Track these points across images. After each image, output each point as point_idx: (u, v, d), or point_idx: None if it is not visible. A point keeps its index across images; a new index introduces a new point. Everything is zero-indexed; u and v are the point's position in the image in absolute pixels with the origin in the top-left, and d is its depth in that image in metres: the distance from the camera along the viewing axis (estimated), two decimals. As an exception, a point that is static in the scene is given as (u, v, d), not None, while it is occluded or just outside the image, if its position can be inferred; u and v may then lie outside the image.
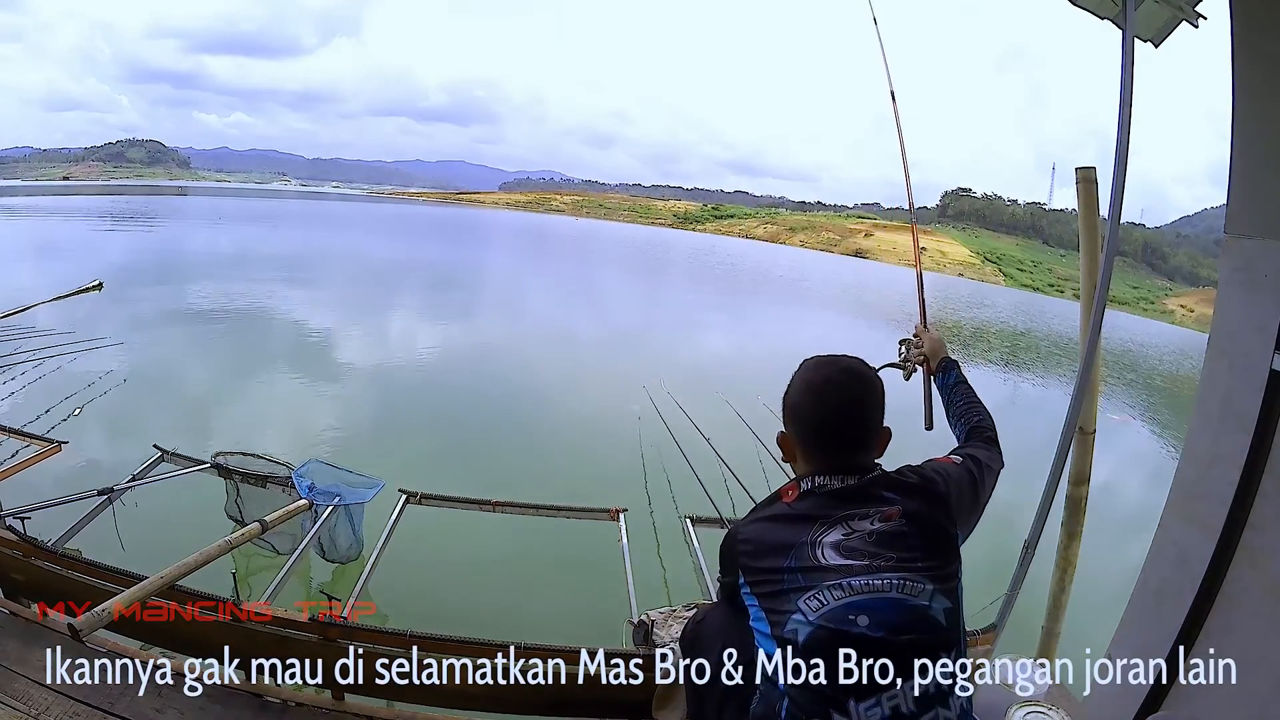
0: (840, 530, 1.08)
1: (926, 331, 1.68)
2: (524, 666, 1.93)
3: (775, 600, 1.08)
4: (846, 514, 1.10)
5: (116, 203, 43.73)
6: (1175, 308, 68.93)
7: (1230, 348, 1.50)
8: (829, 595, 1.04)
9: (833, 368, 1.18)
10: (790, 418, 1.21)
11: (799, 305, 26.10)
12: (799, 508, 1.13)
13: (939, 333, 1.67)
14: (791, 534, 1.10)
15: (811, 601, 1.04)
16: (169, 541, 2.88)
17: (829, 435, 1.16)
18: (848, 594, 1.04)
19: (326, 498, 3.19)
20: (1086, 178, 1.93)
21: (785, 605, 1.06)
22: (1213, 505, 1.48)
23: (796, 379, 1.21)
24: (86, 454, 4.90)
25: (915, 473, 1.19)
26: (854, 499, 1.12)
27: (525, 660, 1.93)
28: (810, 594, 1.05)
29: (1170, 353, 25.91)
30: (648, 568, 2.83)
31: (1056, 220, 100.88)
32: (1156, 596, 1.63)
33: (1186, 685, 1.52)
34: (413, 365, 9.41)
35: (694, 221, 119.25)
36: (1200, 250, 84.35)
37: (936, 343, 1.65)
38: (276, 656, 1.97)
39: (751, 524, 1.18)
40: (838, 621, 1.02)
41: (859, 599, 1.03)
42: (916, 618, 1.04)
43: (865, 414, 1.17)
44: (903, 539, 1.08)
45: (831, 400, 1.16)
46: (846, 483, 1.13)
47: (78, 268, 13.04)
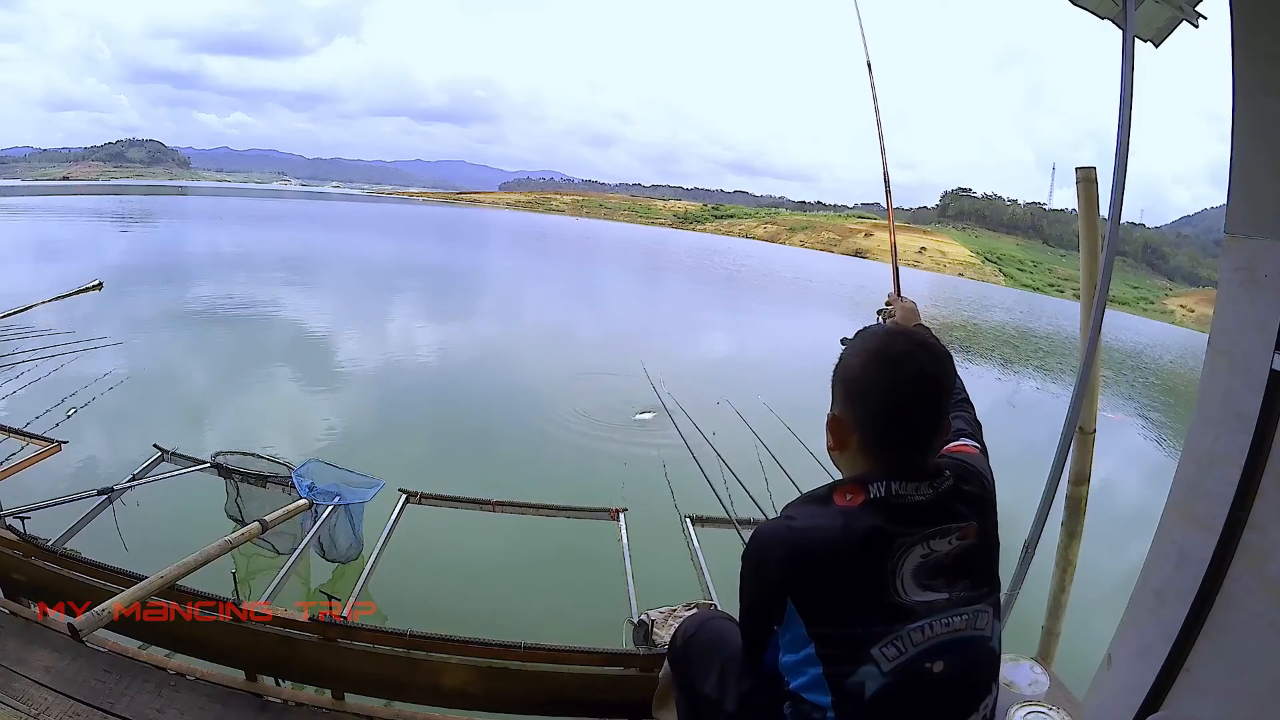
0: (920, 553, 0.90)
1: (900, 300, 1.63)
2: (524, 666, 1.93)
3: (841, 646, 0.88)
4: (927, 533, 0.91)
5: (116, 202, 43.71)
6: (1175, 308, 68.97)
7: (1230, 348, 1.50)
8: (908, 641, 0.87)
9: (908, 340, 1.00)
10: (850, 397, 1.00)
11: (799, 305, 26.11)
12: (869, 519, 0.90)
13: (912, 300, 1.61)
14: (864, 554, 0.89)
15: (889, 649, 0.87)
16: (169, 541, 2.88)
17: (901, 424, 0.95)
18: (928, 637, 0.88)
19: (326, 497, 3.19)
20: (1087, 177, 1.93)
21: (855, 653, 0.87)
22: (1213, 505, 1.48)
23: (858, 350, 1.01)
24: (86, 454, 4.91)
25: (971, 476, 1.02)
26: (934, 514, 0.93)
27: (525, 660, 1.93)
28: (888, 640, 0.87)
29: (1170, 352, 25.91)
30: (648, 567, 2.82)
31: (1057, 220, 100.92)
32: (1157, 596, 1.63)
33: (1187, 685, 1.52)
34: (413, 364, 9.41)
35: (694, 221, 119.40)
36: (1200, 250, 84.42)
37: (909, 310, 1.59)
38: (277, 656, 1.97)
39: (802, 530, 0.93)
40: (913, 671, 0.87)
41: (937, 641, 0.89)
42: (984, 654, 0.94)
43: (943, 401, 0.98)
44: (974, 561, 0.94)
45: (909, 380, 0.95)
46: (924, 493, 0.93)
47: (77, 267, 13.04)
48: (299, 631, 1.96)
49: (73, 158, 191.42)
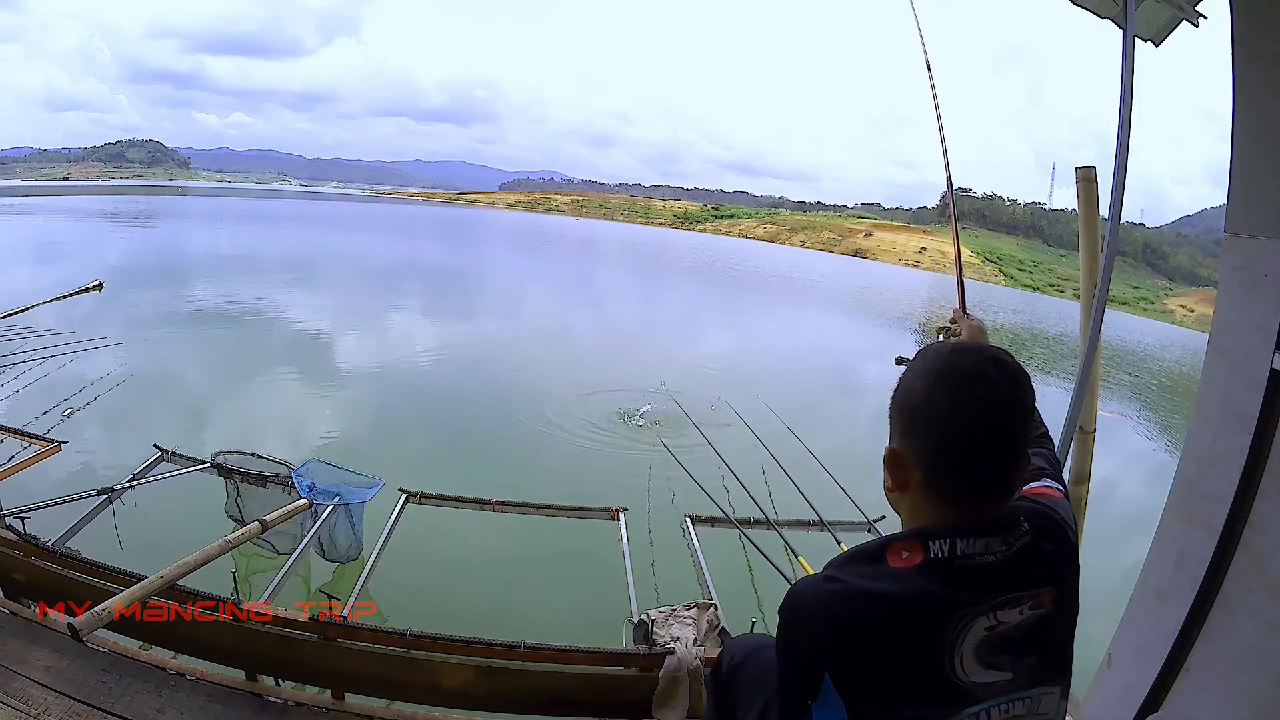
0: (984, 626, 0.76)
1: (966, 317, 1.41)
2: (524, 666, 1.93)
3: None
4: (995, 602, 0.77)
5: (116, 203, 43.72)
6: (1175, 307, 68.99)
7: (1230, 347, 1.50)
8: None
9: (978, 357, 0.82)
10: (910, 429, 0.84)
11: (800, 304, 26.11)
12: (926, 585, 0.77)
13: (980, 319, 1.38)
14: (918, 627, 0.76)
15: None
16: (169, 541, 2.88)
17: (972, 463, 0.80)
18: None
19: (326, 497, 3.19)
20: (1086, 177, 1.93)
21: None
22: (1213, 505, 1.48)
23: (919, 372, 0.84)
24: (86, 454, 4.90)
25: (1053, 530, 0.86)
26: (1006, 579, 0.78)
27: (525, 660, 1.93)
28: None
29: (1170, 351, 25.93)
30: (648, 567, 2.83)
31: (1056, 220, 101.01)
32: (1157, 596, 1.63)
33: (1187, 685, 1.52)
34: (413, 363, 9.41)
35: (694, 221, 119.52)
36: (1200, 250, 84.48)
37: (976, 330, 1.34)
38: (277, 656, 1.97)
39: (846, 596, 0.79)
40: None
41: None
42: None
43: (1022, 432, 0.82)
44: (1047, 633, 0.80)
45: (981, 406, 0.79)
46: (995, 553, 0.79)
47: (78, 267, 13.04)
48: (299, 631, 1.96)
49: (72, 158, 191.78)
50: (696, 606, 2.20)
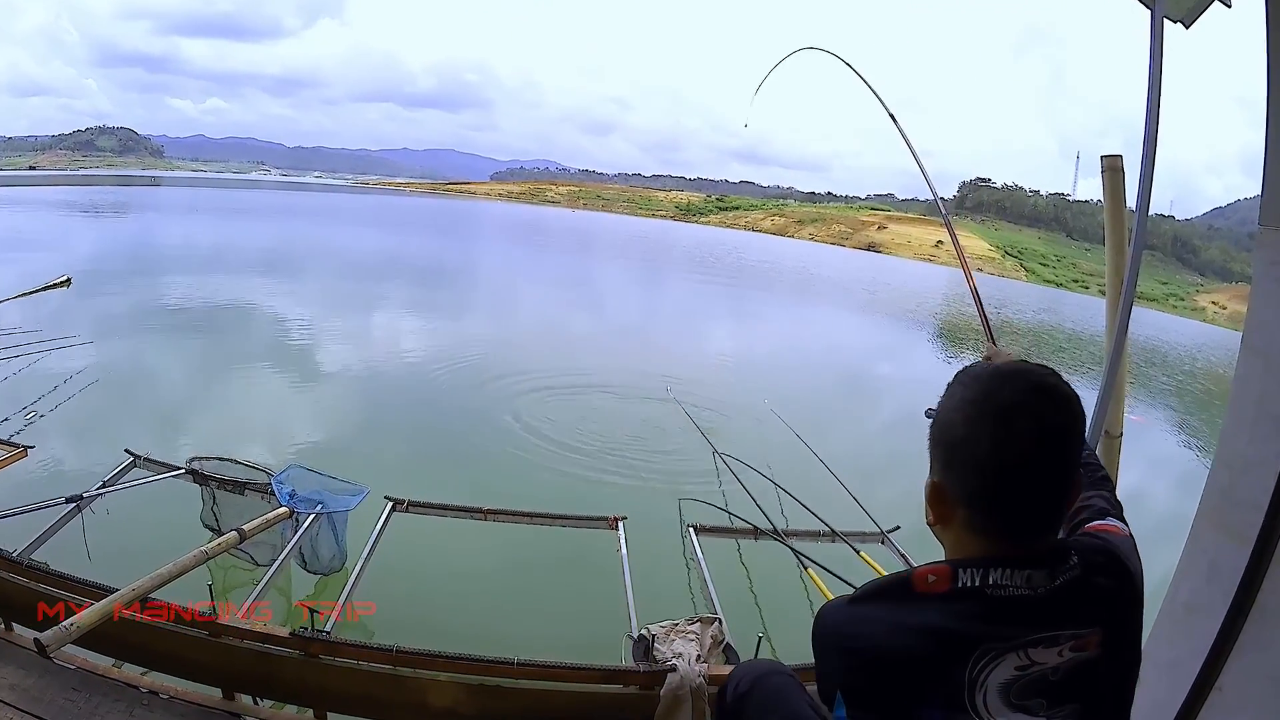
0: (1015, 663, 0.75)
1: (998, 351, 1.42)
2: (517, 684, 1.93)
3: None
4: (1029, 640, 0.76)
5: (86, 194, 43.67)
6: (1207, 304, 69.05)
7: (1265, 346, 1.50)
8: None
9: (1021, 384, 0.80)
10: (950, 462, 0.83)
11: (805, 303, 26.13)
12: (952, 615, 0.77)
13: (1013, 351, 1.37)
14: (938, 656, 0.76)
15: None
16: (141, 551, 2.88)
17: (1018, 501, 0.79)
18: None
19: (308, 505, 3.19)
20: (1113, 166, 1.92)
21: None
22: (1247, 513, 1.48)
23: (957, 402, 0.83)
24: (53, 459, 4.90)
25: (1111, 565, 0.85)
26: (1043, 615, 0.77)
27: (519, 677, 1.93)
28: None
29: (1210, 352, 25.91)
30: (648, 579, 2.82)
31: (1081, 212, 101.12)
32: (1186, 610, 1.63)
33: (1219, 704, 1.52)
34: (400, 363, 9.41)
35: (697, 213, 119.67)
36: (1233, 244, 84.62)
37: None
38: (255, 673, 1.97)
39: (862, 622, 0.82)
40: None
41: None
42: None
43: (1070, 461, 0.80)
44: (1094, 681, 0.77)
45: (1027, 445, 0.78)
46: (1035, 587, 0.77)
47: (45, 261, 13.03)
48: (279, 647, 1.96)
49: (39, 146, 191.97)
50: (700, 621, 2.20)
